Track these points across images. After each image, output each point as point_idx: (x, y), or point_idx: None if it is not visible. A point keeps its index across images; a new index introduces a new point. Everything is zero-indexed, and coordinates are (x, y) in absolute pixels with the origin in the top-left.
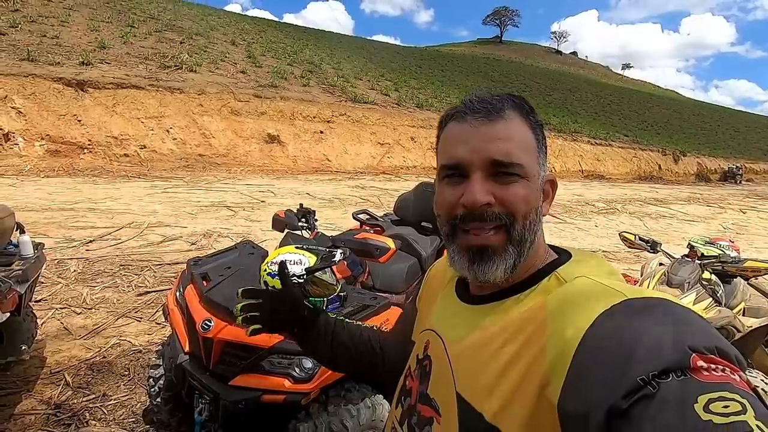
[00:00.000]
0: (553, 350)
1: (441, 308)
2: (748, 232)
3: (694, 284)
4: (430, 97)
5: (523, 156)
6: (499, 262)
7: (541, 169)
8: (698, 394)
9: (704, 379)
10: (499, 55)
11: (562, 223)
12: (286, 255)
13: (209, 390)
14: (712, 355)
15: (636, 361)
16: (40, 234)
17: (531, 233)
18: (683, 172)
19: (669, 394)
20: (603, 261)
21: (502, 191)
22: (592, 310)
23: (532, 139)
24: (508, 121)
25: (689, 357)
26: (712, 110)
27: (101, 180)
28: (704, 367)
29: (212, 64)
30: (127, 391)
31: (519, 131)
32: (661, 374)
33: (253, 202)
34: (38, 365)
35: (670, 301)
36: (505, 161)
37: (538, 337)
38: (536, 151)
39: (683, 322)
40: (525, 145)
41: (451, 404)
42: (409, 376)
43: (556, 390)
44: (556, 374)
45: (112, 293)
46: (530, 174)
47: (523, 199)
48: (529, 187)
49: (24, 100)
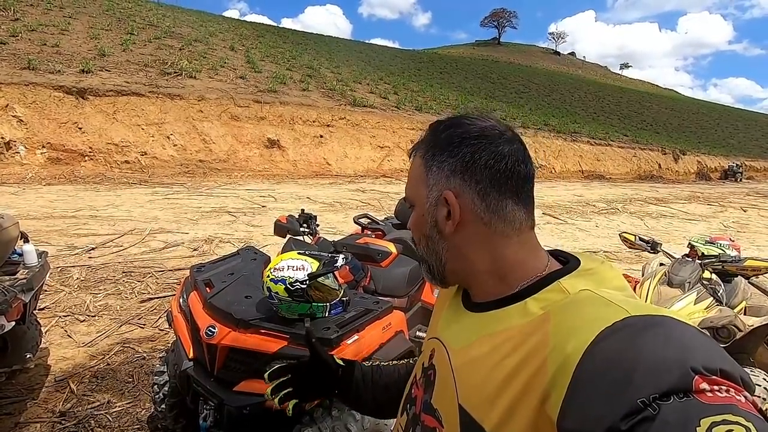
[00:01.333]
0: (554, 364)
1: (446, 316)
2: (749, 230)
3: (694, 284)
4: (429, 100)
5: (410, 189)
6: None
7: (430, 192)
8: (701, 417)
9: (707, 401)
10: (498, 57)
11: (563, 224)
12: (289, 261)
13: (214, 396)
14: (716, 377)
15: (637, 382)
16: (43, 242)
17: (429, 255)
18: (683, 171)
19: (670, 416)
20: (612, 270)
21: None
22: (594, 325)
23: (419, 167)
24: (412, 162)
25: (692, 379)
26: (711, 109)
27: (102, 187)
28: (707, 389)
29: (212, 70)
30: (131, 398)
31: (412, 166)
32: (662, 396)
33: (254, 207)
34: (43, 373)
35: (673, 319)
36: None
37: (540, 349)
38: (423, 176)
39: (686, 342)
40: (414, 179)
41: (454, 415)
42: (415, 384)
43: (555, 406)
44: (556, 390)
45: (115, 300)
46: (417, 203)
47: (413, 225)
48: (417, 214)
49: (25, 108)
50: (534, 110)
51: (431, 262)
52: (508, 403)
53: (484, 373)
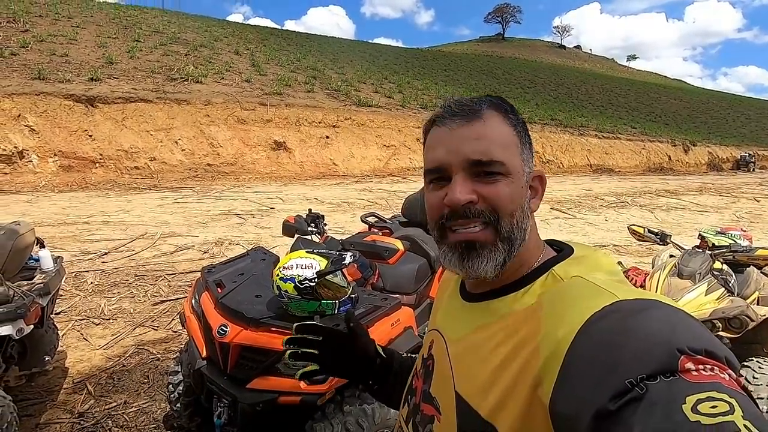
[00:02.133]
0: (546, 350)
1: (445, 308)
2: (763, 220)
3: (705, 275)
4: (435, 98)
5: (502, 153)
6: (489, 258)
7: (525, 166)
8: (686, 395)
9: (692, 380)
10: (503, 53)
11: (572, 218)
12: (298, 259)
13: (227, 393)
14: (700, 356)
15: (624, 364)
16: (57, 248)
17: (519, 230)
18: (694, 162)
19: (657, 395)
20: (604, 257)
21: (485, 189)
22: (584, 311)
23: (512, 136)
24: (486, 120)
25: (677, 359)
26: (721, 98)
27: (113, 193)
28: (692, 369)
29: (217, 75)
30: (147, 398)
31: (498, 129)
32: (649, 377)
33: (262, 209)
34: (60, 376)
35: (660, 302)
36: (484, 160)
37: (532, 336)
38: (518, 148)
39: (673, 324)
40: (505, 143)
41: (451, 403)
42: (415, 375)
43: (547, 390)
44: (548, 374)
45: (128, 303)
46: (513, 171)
47: (507, 196)
48: (513, 185)
49: (36, 117)
50: (540, 105)
51: (516, 241)
52: (503, 389)
53: (479, 361)
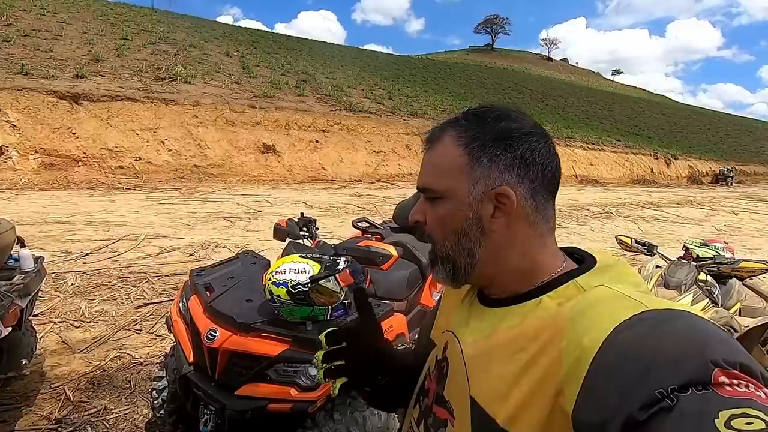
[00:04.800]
0: (570, 358)
1: (462, 309)
2: (741, 233)
3: (690, 285)
4: (424, 105)
5: (436, 178)
6: (437, 272)
7: (474, 185)
8: (720, 409)
9: (726, 395)
10: (492, 63)
11: (558, 228)
12: (291, 264)
13: (215, 400)
14: (735, 371)
15: (655, 373)
16: (37, 248)
17: (460, 253)
18: (675, 175)
19: (688, 407)
20: (628, 268)
21: (428, 212)
22: (612, 319)
23: (458, 156)
24: (437, 146)
25: (711, 372)
26: (701, 114)
27: (96, 192)
28: (726, 383)
29: (207, 76)
30: (128, 405)
31: (442, 153)
32: (681, 388)
33: (250, 212)
34: (38, 380)
35: (692, 314)
36: (421, 187)
37: (554, 344)
38: (465, 166)
39: (706, 335)
40: (443, 166)
41: (465, 407)
42: (428, 376)
43: (571, 398)
44: (571, 382)
45: (110, 306)
46: (447, 195)
47: (439, 220)
48: (446, 207)
49: (18, 113)
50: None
51: (459, 262)
52: (522, 396)
53: (496, 366)
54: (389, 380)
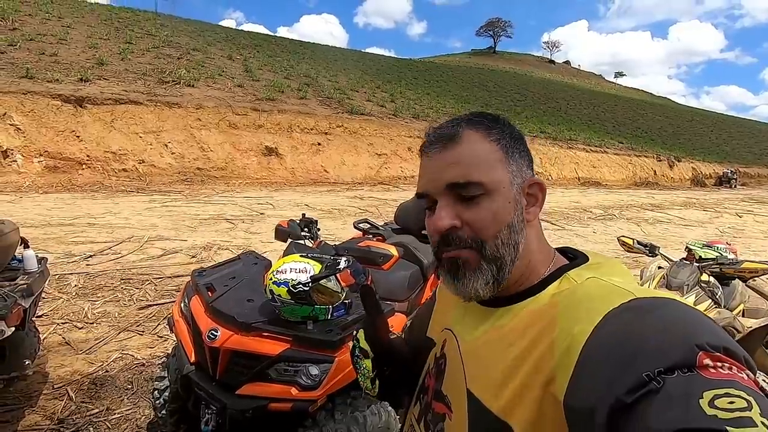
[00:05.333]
0: (561, 346)
1: (460, 308)
2: (745, 235)
3: (693, 286)
4: (426, 108)
5: (480, 173)
6: (476, 278)
7: (514, 177)
8: (703, 390)
9: (710, 376)
10: (494, 66)
11: (561, 230)
12: (292, 263)
13: (216, 400)
14: (719, 353)
15: (642, 357)
16: (40, 249)
17: (508, 247)
18: (679, 177)
19: (674, 389)
20: (618, 264)
21: (467, 213)
22: (601, 307)
23: (494, 152)
24: (463, 142)
25: (696, 355)
26: (704, 116)
27: (100, 195)
28: (710, 365)
29: (210, 79)
30: (130, 405)
31: (474, 148)
32: (667, 371)
33: (252, 215)
34: (41, 380)
35: (678, 301)
36: (461, 182)
37: (547, 334)
38: (503, 161)
39: (691, 321)
40: (484, 160)
41: (462, 401)
42: (428, 374)
43: (562, 386)
44: (563, 370)
45: (113, 307)
46: (495, 188)
47: (489, 217)
48: (496, 202)
49: (23, 117)
50: (530, 118)
51: (506, 259)
52: (516, 387)
53: (491, 359)
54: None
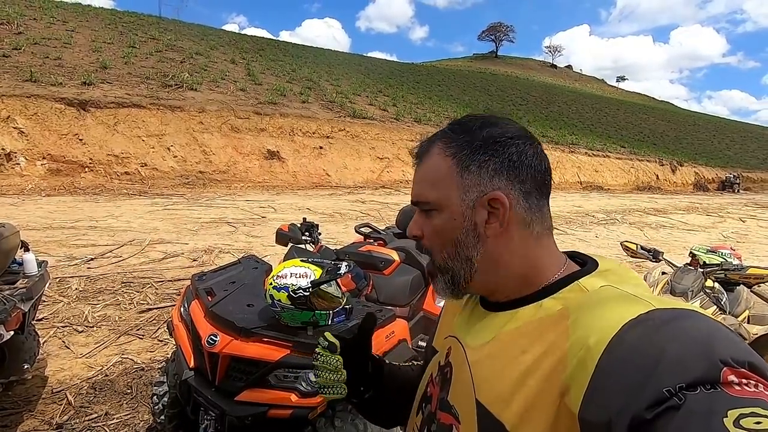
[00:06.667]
0: (575, 357)
1: (464, 314)
2: (749, 240)
3: (697, 292)
4: (428, 112)
5: (430, 190)
6: (437, 284)
7: (466, 192)
8: (728, 408)
9: (735, 394)
10: (496, 70)
11: (563, 235)
12: (292, 268)
13: (215, 406)
14: (744, 369)
15: (662, 372)
16: (42, 252)
17: (457, 261)
18: (681, 182)
19: (696, 406)
20: (630, 271)
21: (424, 226)
22: (618, 318)
23: (447, 166)
24: (426, 160)
25: (720, 370)
26: (706, 121)
27: (102, 198)
28: (735, 382)
29: (212, 83)
30: (129, 410)
31: (430, 165)
32: (689, 387)
33: (253, 218)
34: (40, 385)
35: (699, 313)
36: (415, 200)
37: (559, 344)
38: (454, 176)
39: (713, 334)
40: (434, 177)
41: (471, 412)
42: (431, 382)
43: (577, 398)
44: (577, 382)
45: (113, 311)
46: (444, 205)
47: (435, 231)
48: (440, 218)
49: (26, 120)
50: (532, 122)
51: (458, 271)
52: (528, 397)
53: (501, 368)
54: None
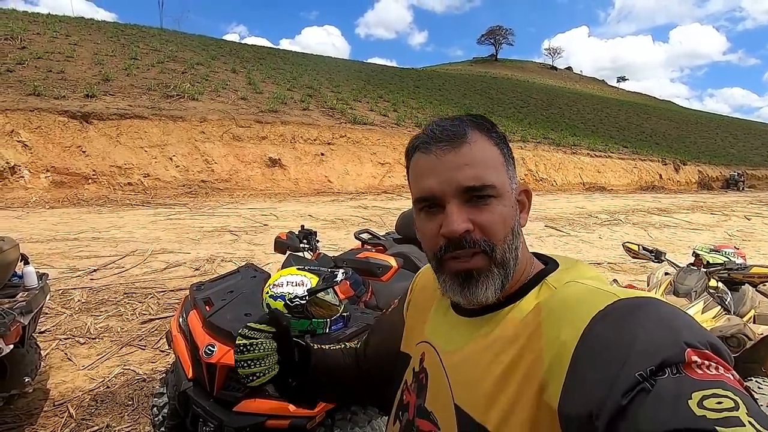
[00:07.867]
0: (550, 354)
1: (435, 320)
2: (755, 238)
3: (701, 293)
4: (429, 116)
5: (492, 175)
6: (488, 284)
7: (512, 183)
8: (692, 391)
9: (698, 377)
10: (496, 73)
11: (566, 236)
12: (288, 277)
13: (213, 417)
14: (706, 350)
15: (634, 358)
16: (45, 264)
17: (511, 252)
18: (685, 181)
19: (664, 390)
20: (587, 266)
21: (478, 216)
22: (587, 311)
23: (498, 155)
24: (473, 143)
25: (684, 351)
26: (709, 119)
27: (105, 209)
28: (698, 363)
29: (213, 92)
30: (131, 422)
31: (484, 151)
32: (658, 369)
33: (255, 226)
34: (41, 398)
35: (659, 300)
36: (477, 185)
37: (533, 343)
38: (504, 166)
39: (676, 319)
40: (493, 164)
41: (450, 416)
42: (406, 390)
43: (555, 393)
44: (555, 377)
45: (116, 322)
46: (503, 191)
47: (500, 220)
48: (504, 205)
49: (30, 133)
50: (533, 124)
51: (511, 263)
52: (507, 398)
53: (479, 371)
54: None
